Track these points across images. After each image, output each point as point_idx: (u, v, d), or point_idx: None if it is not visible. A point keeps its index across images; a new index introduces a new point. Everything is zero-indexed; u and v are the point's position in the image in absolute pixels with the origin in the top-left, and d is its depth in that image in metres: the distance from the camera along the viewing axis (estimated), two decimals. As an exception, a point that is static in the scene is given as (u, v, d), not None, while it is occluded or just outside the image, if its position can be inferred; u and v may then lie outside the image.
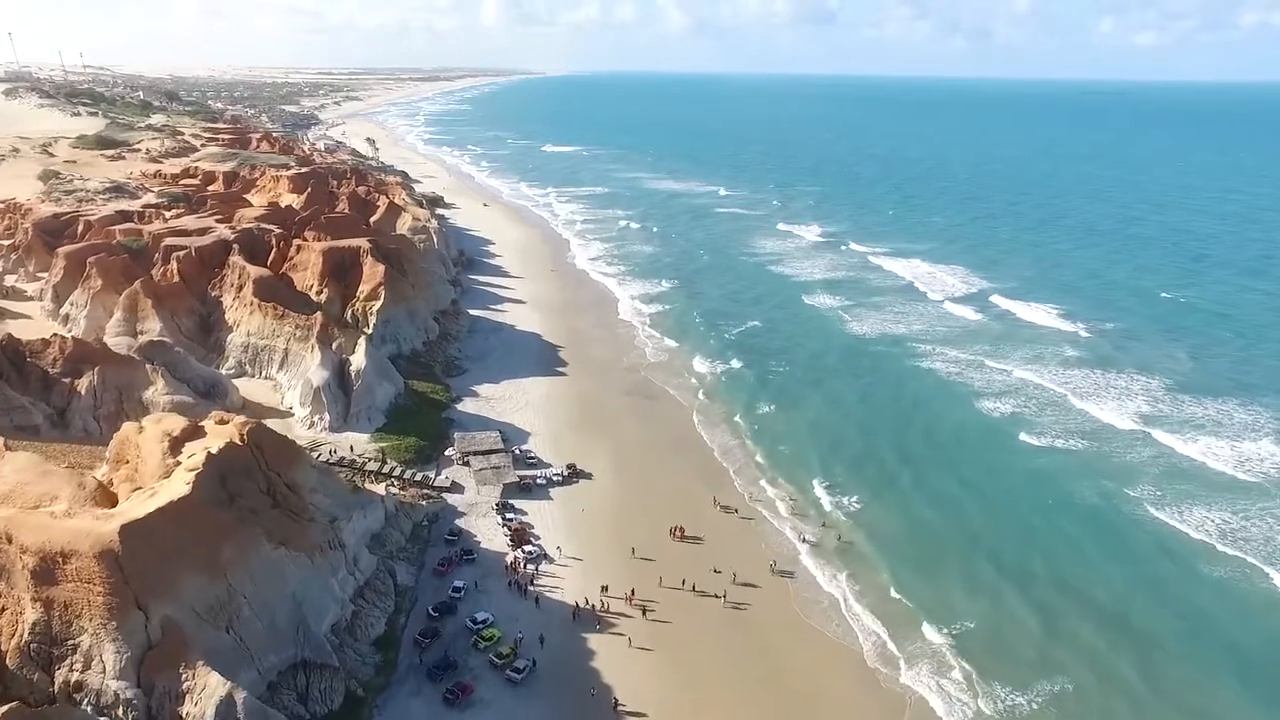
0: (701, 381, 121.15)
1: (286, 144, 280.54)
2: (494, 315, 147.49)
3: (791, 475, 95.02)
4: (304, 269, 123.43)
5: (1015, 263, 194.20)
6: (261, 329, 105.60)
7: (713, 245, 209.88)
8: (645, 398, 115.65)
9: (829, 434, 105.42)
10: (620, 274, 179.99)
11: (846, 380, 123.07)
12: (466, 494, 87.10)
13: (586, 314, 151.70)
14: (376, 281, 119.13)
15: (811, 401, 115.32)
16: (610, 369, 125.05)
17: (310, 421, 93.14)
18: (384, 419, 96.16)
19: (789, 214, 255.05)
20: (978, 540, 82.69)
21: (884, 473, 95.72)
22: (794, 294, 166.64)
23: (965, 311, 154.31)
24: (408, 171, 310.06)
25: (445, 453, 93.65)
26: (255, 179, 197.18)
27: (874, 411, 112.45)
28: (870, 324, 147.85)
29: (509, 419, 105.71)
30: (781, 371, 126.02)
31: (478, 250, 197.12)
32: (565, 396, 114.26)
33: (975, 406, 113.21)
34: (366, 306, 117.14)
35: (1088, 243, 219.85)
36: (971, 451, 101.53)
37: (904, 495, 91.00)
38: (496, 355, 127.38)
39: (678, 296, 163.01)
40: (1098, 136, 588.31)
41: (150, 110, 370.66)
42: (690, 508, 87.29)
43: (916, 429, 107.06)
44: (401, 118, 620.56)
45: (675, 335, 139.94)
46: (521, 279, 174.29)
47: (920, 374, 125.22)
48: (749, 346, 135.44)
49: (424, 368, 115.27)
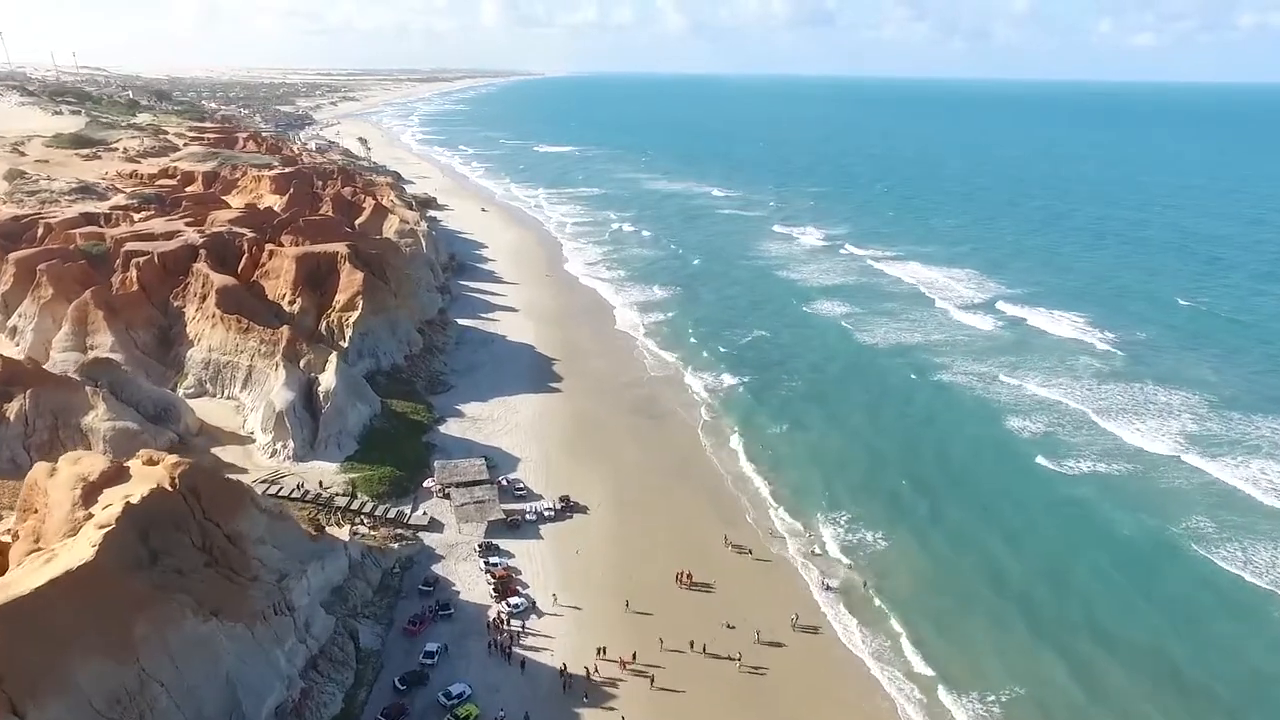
0: (705, 399, 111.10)
1: (274, 144, 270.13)
2: (485, 325, 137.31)
3: (808, 507, 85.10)
4: (276, 276, 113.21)
5: (1021, 266, 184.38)
6: (224, 344, 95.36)
7: (711, 249, 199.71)
8: (646, 417, 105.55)
9: (844, 458, 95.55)
10: (617, 279, 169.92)
11: (858, 396, 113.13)
12: (446, 533, 76.93)
13: (582, 323, 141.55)
14: (354, 290, 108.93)
15: (823, 421, 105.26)
16: (608, 385, 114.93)
17: (272, 449, 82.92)
18: (356, 446, 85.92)
19: (788, 216, 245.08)
20: (1014, 585, 72.95)
21: (905, 504, 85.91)
22: (797, 301, 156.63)
23: (975, 320, 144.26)
24: (400, 172, 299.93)
25: (424, 484, 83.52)
26: (236, 179, 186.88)
27: (889, 432, 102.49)
28: (879, 333, 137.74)
29: (497, 442, 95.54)
30: (791, 387, 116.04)
31: (470, 254, 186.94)
32: (559, 416, 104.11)
33: (994, 427, 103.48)
34: (342, 318, 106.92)
35: (1095, 245, 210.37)
36: (994, 478, 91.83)
37: (927, 531, 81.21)
38: (486, 370, 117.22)
39: (677, 304, 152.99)
40: (1097, 136, 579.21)
41: (137, 109, 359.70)
42: (698, 547, 77.26)
43: (934, 452, 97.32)
44: (398, 118, 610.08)
45: (676, 347, 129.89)
46: (515, 285, 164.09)
47: (933, 389, 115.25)
48: (754, 359, 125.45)
49: (405, 385, 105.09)
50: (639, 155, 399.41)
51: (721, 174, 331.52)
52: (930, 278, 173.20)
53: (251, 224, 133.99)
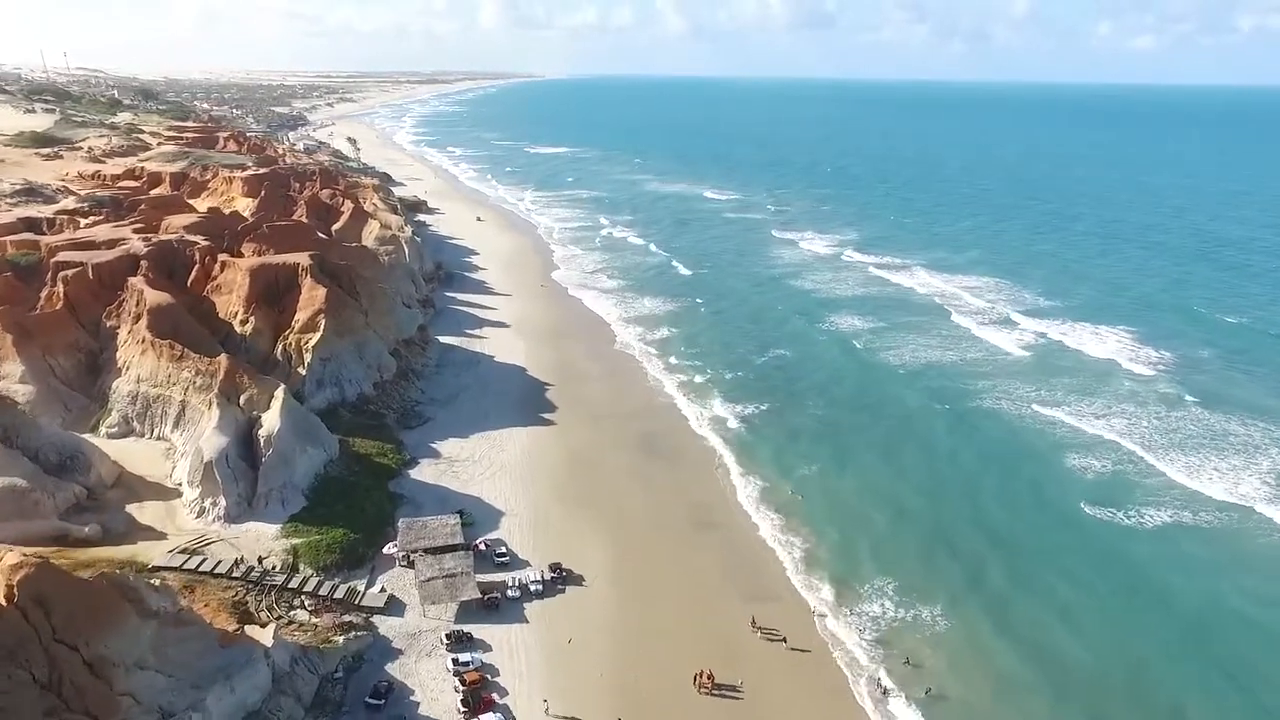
0: (717, 431, 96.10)
1: (258, 144, 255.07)
2: (471, 343, 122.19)
3: (847, 573, 70.55)
4: (228, 292, 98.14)
5: (1036, 274, 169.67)
6: (154, 374, 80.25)
7: (714, 256, 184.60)
8: (651, 454, 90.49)
9: (882, 507, 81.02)
10: (616, 290, 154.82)
11: (887, 429, 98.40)
12: (408, 616, 61.88)
13: (579, 340, 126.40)
14: (315, 308, 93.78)
15: (853, 459, 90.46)
16: (607, 415, 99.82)
17: (199, 507, 67.82)
18: (303, 501, 70.82)
19: (789, 220, 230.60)
20: (1089, 683, 58.15)
21: (961, 569, 71.85)
22: (806, 315, 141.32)
23: (997, 337, 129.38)
24: (391, 174, 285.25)
25: (385, 549, 68.48)
26: (207, 181, 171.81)
27: (927, 475, 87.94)
28: (899, 354, 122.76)
29: (477, 490, 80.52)
30: (812, 416, 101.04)
31: (459, 262, 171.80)
32: (551, 455, 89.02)
33: (1040, 468, 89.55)
34: (301, 340, 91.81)
35: (1108, 250, 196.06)
36: (1053, 533, 78.18)
37: (993, 606, 66.61)
38: (469, 397, 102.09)
39: (679, 318, 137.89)
40: (1099, 138, 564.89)
41: (119, 109, 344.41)
42: (720, 633, 62.41)
43: (980, 501, 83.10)
44: (394, 119, 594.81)
45: (680, 368, 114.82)
46: (507, 297, 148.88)
47: (965, 422, 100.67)
48: (767, 383, 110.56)
49: (372, 419, 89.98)
50: (639, 157, 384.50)
51: (722, 176, 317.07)
52: (942, 288, 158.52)
53: (209, 230, 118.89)
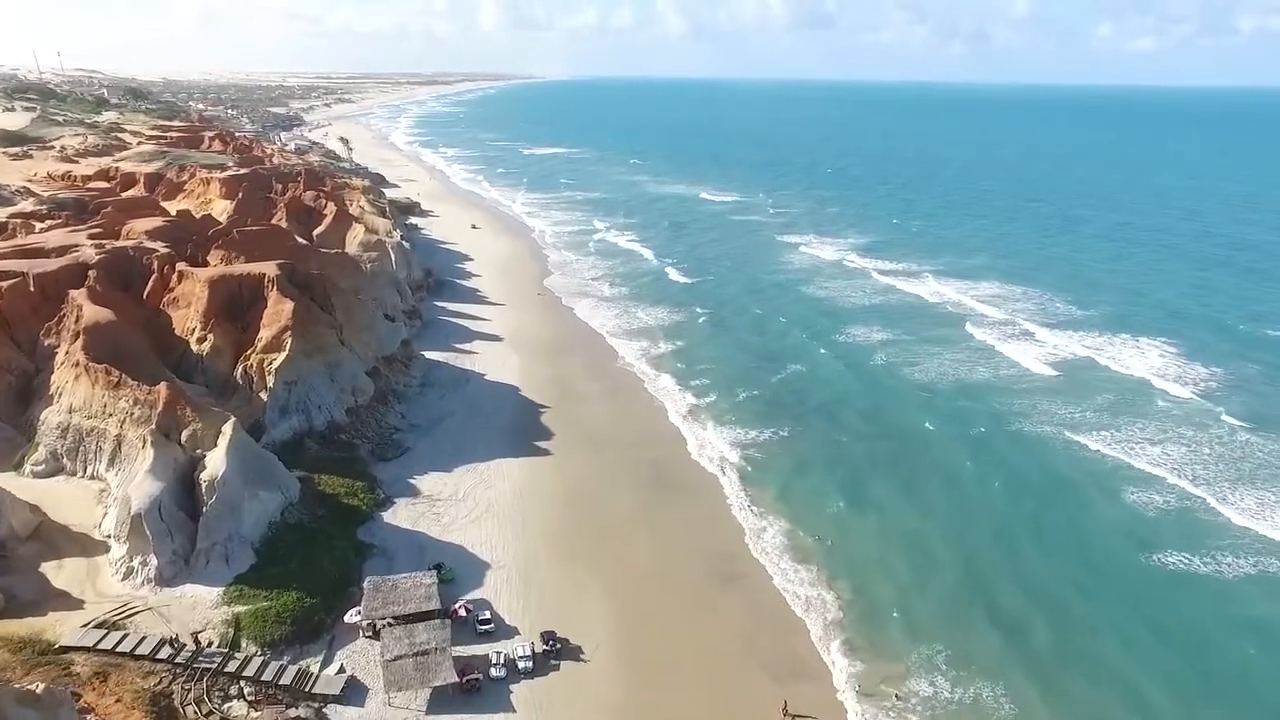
0: (731, 461, 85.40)
1: (245, 144, 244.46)
2: (460, 359, 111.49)
3: (888, 638, 60.69)
4: (186, 305, 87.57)
5: (1048, 281, 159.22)
6: (88, 403, 69.57)
7: (717, 262, 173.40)
8: (659, 489, 79.83)
9: (921, 554, 71.01)
10: (617, 298, 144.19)
11: (912, 459, 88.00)
12: (370, 706, 51.25)
13: (577, 355, 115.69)
14: (281, 324, 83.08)
15: (884, 495, 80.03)
16: (608, 441, 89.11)
17: (126, 567, 57.13)
18: (253, 557, 60.13)
19: (790, 223, 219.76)
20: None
21: (1015, 631, 61.49)
22: (818, 327, 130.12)
23: (1022, 354, 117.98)
24: (385, 175, 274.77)
25: (347, 615, 57.83)
26: (183, 182, 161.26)
27: (965, 513, 77.93)
28: (918, 371, 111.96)
29: (459, 536, 69.88)
30: (832, 445, 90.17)
31: (451, 268, 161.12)
32: (546, 491, 78.36)
33: (1084, 508, 78.96)
34: (264, 361, 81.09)
35: (1121, 254, 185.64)
36: (1108, 587, 67.36)
37: (1054, 676, 56.35)
38: (455, 423, 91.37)
39: (685, 331, 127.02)
40: (1101, 139, 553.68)
41: (105, 108, 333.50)
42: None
43: (1016, 543, 73.23)
44: (391, 120, 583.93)
45: (689, 387, 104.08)
46: (500, 306, 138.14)
47: (996, 449, 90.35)
48: (783, 405, 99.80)
49: (343, 451, 79.30)
50: (638, 158, 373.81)
51: (722, 177, 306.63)
52: (955, 297, 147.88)
53: (174, 236, 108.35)
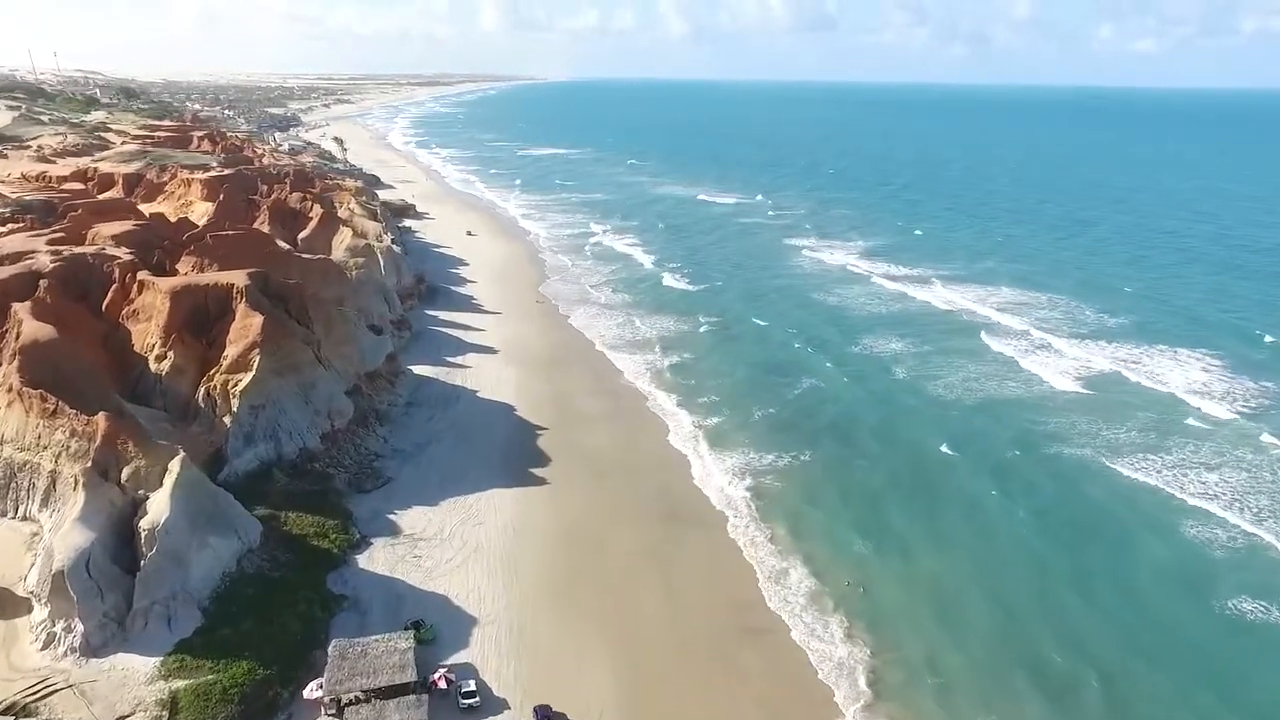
0: (747, 493, 76.92)
1: (235, 144, 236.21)
2: (451, 374, 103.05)
3: (929, 715, 51.65)
4: (146, 318, 79.27)
5: (1063, 287, 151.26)
6: (21, 433, 61.15)
7: (721, 268, 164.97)
8: (668, 526, 71.43)
9: (955, 603, 63.25)
10: (619, 307, 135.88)
11: (942, 488, 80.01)
12: (327, 809, 42.96)
13: (577, 369, 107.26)
14: (248, 341, 74.74)
15: (911, 530, 72.06)
16: (612, 469, 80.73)
17: (48, 634, 48.72)
18: (200, 617, 51.73)
19: (797, 227, 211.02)
20: None
21: (1065, 696, 54.06)
22: (828, 340, 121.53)
23: (1045, 368, 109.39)
24: (380, 176, 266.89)
25: (307, 689, 49.45)
26: (164, 183, 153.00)
27: (1006, 553, 69.67)
28: (938, 389, 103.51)
29: (443, 584, 61.49)
30: (855, 470, 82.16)
31: (445, 274, 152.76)
32: (542, 529, 69.94)
33: (1137, 552, 69.99)
34: (229, 382, 72.73)
35: (1135, 258, 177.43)
36: (1193, 654, 59.49)
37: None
38: (443, 447, 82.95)
39: (690, 343, 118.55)
40: (1104, 140, 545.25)
41: (93, 107, 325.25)
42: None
43: (1066, 591, 64.84)
44: (389, 120, 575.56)
45: (696, 406, 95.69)
46: (496, 315, 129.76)
47: (1031, 478, 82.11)
48: (797, 424, 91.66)
49: (316, 483, 70.83)
50: (639, 159, 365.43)
51: (724, 178, 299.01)
52: (968, 305, 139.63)
53: (143, 241, 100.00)
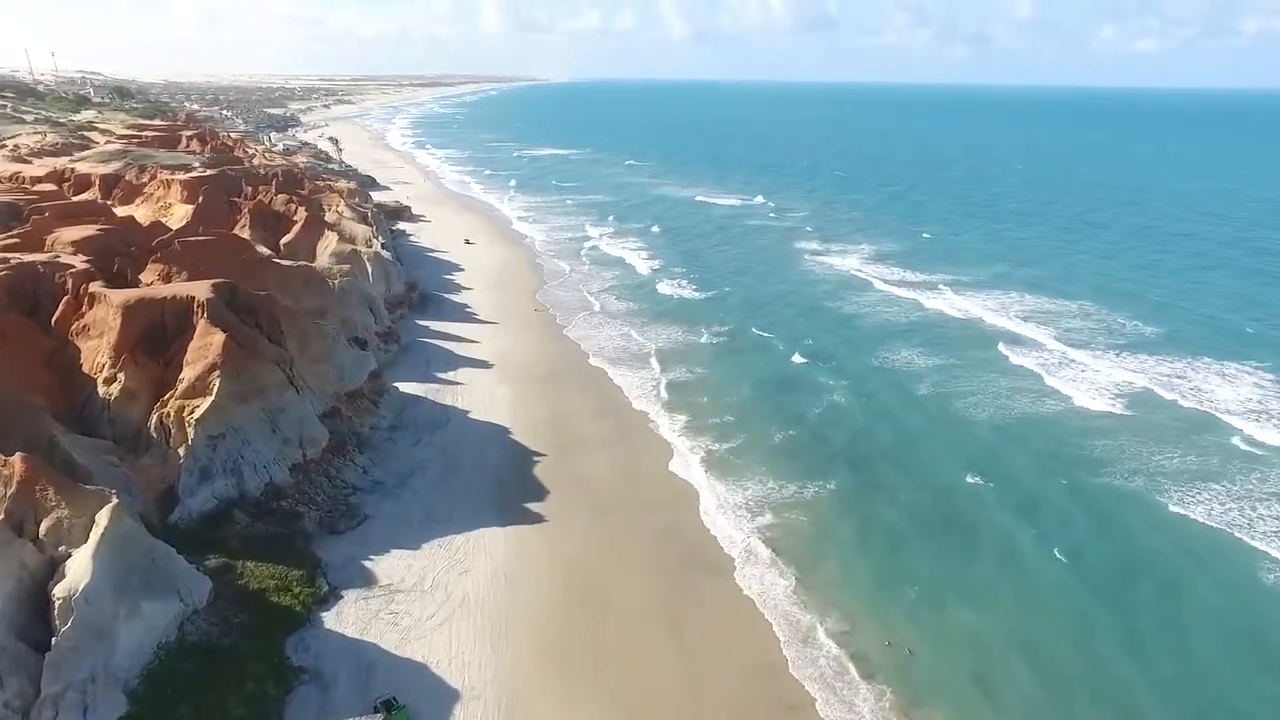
0: (767, 533, 67.91)
1: (225, 144, 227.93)
2: (441, 392, 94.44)
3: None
4: (97, 335, 70.82)
5: (1080, 293, 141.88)
6: (-67, 476, 52.72)
7: (725, 274, 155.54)
8: (675, 569, 62.77)
9: (1001, 670, 53.71)
10: (622, 316, 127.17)
11: (977, 524, 70.47)
12: None
13: (577, 387, 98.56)
14: (208, 362, 66.27)
15: (944, 577, 62.74)
16: (614, 502, 72.08)
17: (-65, 733, 40.39)
18: (126, 703, 43.09)
19: (800, 230, 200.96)
20: None
21: None
22: (841, 351, 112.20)
23: (1073, 386, 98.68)
24: (376, 177, 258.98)
25: (251, 795, 40.96)
26: (143, 184, 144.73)
27: (1052, 604, 60.24)
28: (962, 405, 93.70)
29: (420, 650, 52.86)
30: (876, 505, 72.55)
31: (439, 280, 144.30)
32: (536, 575, 61.39)
33: (1209, 611, 60.36)
34: (185, 408, 64.23)
35: (1151, 263, 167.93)
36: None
37: None
38: (428, 478, 74.38)
39: (697, 355, 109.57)
40: (1107, 140, 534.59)
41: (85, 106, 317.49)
42: None
43: (1130, 659, 54.96)
44: (389, 120, 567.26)
45: (706, 429, 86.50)
46: (493, 325, 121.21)
47: (1068, 509, 72.76)
48: (810, 451, 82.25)
49: (282, 524, 62.25)
50: (639, 159, 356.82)
51: (727, 179, 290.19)
52: (981, 314, 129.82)
53: (105, 247, 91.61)
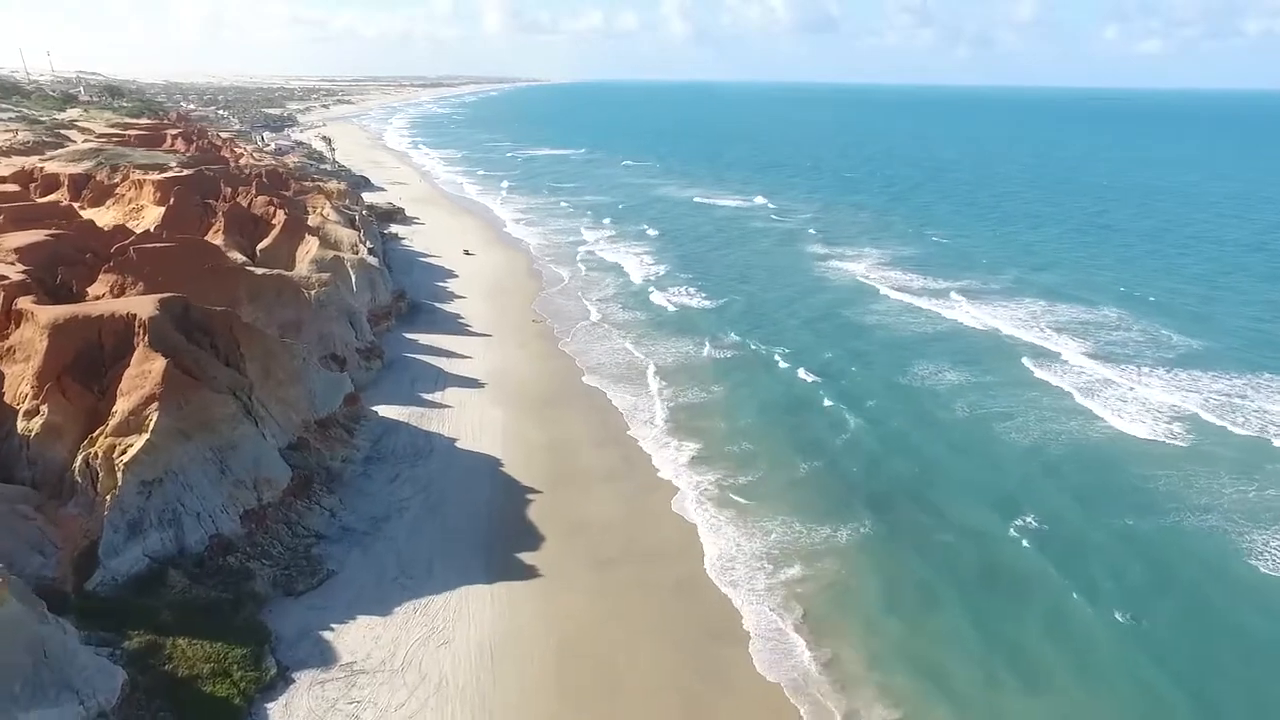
0: (786, 589, 58.07)
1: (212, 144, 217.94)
2: (425, 416, 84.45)
3: None
4: (23, 359, 60.88)
5: (1102, 300, 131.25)
6: None
7: (729, 281, 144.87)
8: (694, 641, 52.90)
9: None
10: (622, 327, 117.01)
11: (1021, 579, 60.44)
12: None
13: (576, 410, 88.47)
14: (145, 392, 56.33)
15: (1002, 657, 52.23)
16: (620, 554, 62.09)
17: None
18: None
19: (804, 232, 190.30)
20: None
21: None
22: (854, 370, 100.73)
23: (1112, 411, 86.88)
24: (371, 177, 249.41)
25: None
26: (114, 185, 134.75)
27: (1131, 693, 49.86)
28: (990, 434, 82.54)
29: (386, 753, 43.14)
30: (914, 555, 62.85)
31: (431, 288, 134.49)
32: (529, 649, 51.44)
33: None
34: (114, 448, 54.34)
35: (1170, 268, 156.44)
36: None
37: None
38: (405, 522, 64.42)
39: (703, 374, 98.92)
40: (1107, 140, 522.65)
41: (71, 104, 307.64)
42: None
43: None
44: (387, 121, 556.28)
45: (715, 460, 76.09)
46: (486, 338, 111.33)
47: (1123, 562, 62.25)
48: (836, 490, 71.67)
49: (227, 585, 52.22)
50: (640, 160, 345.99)
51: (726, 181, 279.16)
52: (999, 325, 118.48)
53: (51, 255, 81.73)
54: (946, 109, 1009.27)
